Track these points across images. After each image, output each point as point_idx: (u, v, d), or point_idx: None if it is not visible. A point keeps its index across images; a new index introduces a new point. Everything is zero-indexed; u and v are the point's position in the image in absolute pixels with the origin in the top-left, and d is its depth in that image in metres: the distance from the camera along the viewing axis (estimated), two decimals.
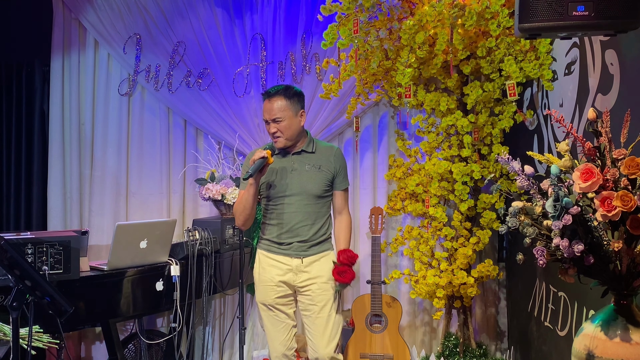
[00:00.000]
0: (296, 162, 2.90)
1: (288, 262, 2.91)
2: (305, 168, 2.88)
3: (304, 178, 2.87)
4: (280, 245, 2.92)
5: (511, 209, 1.89)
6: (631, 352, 1.70)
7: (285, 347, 2.96)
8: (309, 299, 2.91)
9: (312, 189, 2.87)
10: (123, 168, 4.24)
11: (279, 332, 2.96)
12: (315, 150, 2.93)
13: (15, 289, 2.01)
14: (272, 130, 2.83)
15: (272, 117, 2.81)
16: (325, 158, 2.91)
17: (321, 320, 2.90)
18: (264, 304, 2.97)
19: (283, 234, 2.91)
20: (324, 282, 2.90)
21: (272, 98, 2.82)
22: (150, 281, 3.22)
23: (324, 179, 2.89)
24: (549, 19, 1.92)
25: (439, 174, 3.64)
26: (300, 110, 2.87)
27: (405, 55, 3.42)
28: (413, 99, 3.64)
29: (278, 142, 2.85)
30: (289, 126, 2.82)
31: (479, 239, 3.65)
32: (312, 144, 2.94)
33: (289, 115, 2.82)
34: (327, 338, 2.90)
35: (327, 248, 2.97)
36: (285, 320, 2.97)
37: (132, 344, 3.74)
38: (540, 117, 3.28)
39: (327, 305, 2.90)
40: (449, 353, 3.80)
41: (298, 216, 2.87)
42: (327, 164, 2.90)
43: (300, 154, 2.91)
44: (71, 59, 4.21)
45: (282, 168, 2.90)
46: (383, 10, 3.42)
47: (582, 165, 1.72)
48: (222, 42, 4.14)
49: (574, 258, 1.75)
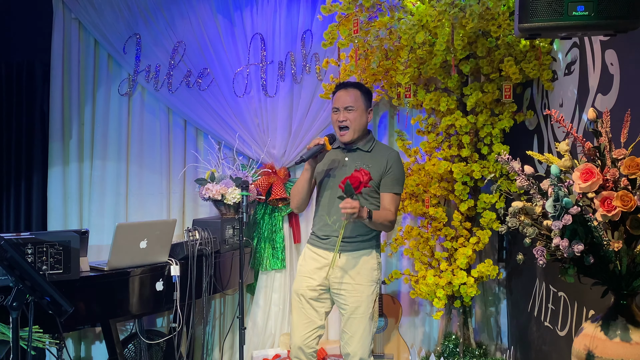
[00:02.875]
0: (349, 158, 2.90)
1: (326, 256, 2.88)
2: (355, 165, 2.85)
3: (349, 174, 2.86)
4: (321, 239, 2.90)
5: (511, 209, 1.89)
6: (631, 352, 1.70)
7: (304, 342, 2.90)
8: (342, 298, 2.86)
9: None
10: (123, 168, 4.23)
11: (302, 325, 2.91)
12: (372, 150, 2.92)
13: (15, 289, 2.00)
14: (341, 118, 2.85)
15: (345, 104, 2.85)
16: (378, 159, 2.88)
17: (354, 321, 2.84)
18: (297, 292, 2.94)
19: (324, 227, 2.90)
20: (359, 284, 2.83)
21: (349, 88, 2.90)
22: (150, 281, 3.22)
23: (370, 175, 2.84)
24: (549, 19, 1.92)
25: (438, 174, 3.65)
26: (370, 108, 2.93)
27: (405, 55, 3.42)
28: (413, 99, 3.64)
29: (345, 134, 2.86)
30: (358, 118, 2.86)
31: (479, 239, 3.65)
32: (371, 144, 2.93)
33: (361, 107, 2.87)
34: (357, 339, 2.84)
35: (366, 247, 2.88)
36: (313, 317, 2.90)
37: (132, 344, 3.73)
38: (540, 117, 3.28)
39: (361, 307, 2.83)
40: (449, 353, 3.80)
41: (339, 211, 2.81)
42: (378, 164, 2.86)
43: (356, 151, 2.91)
44: (71, 59, 4.21)
45: (335, 161, 2.91)
46: (383, 10, 3.42)
47: (582, 165, 1.72)
48: (222, 42, 4.14)
49: (574, 258, 1.75)
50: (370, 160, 2.87)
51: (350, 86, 2.92)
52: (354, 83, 2.98)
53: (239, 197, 3.69)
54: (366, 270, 2.85)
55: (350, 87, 2.91)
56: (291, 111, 4.12)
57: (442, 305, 3.66)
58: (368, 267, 2.86)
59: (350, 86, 2.92)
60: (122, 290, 3.12)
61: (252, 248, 4.06)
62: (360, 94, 2.89)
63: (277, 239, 4.06)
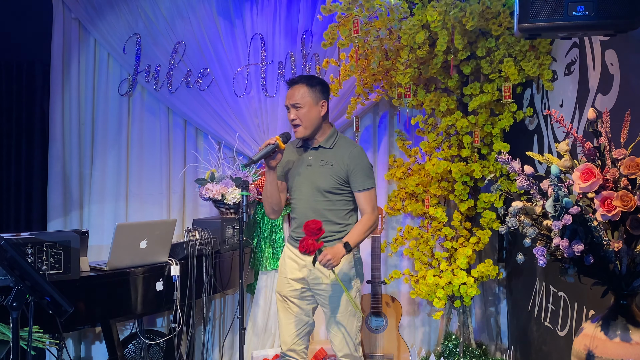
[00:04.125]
0: (313, 157, 2.88)
1: (303, 258, 2.88)
2: (319, 163, 2.85)
3: (315, 173, 2.85)
4: (297, 240, 2.89)
5: (511, 209, 1.89)
6: (631, 352, 1.70)
7: (294, 341, 2.91)
8: (322, 298, 2.87)
9: (320, 183, 2.82)
10: (123, 168, 4.23)
11: (289, 325, 2.92)
12: (334, 146, 2.88)
13: (15, 289, 2.00)
14: (291, 116, 2.83)
15: (292, 102, 2.82)
16: (340, 155, 2.85)
17: (335, 320, 2.86)
18: (280, 294, 2.95)
19: (297, 228, 2.90)
20: (336, 283, 2.82)
21: (295, 84, 2.85)
22: (150, 281, 3.22)
23: (333, 174, 2.82)
24: (549, 19, 1.93)
25: (438, 174, 3.64)
26: (322, 101, 2.85)
27: (405, 55, 3.42)
28: (413, 99, 3.64)
29: (297, 131, 2.84)
30: (307, 114, 2.81)
31: (479, 239, 3.65)
32: (333, 140, 2.88)
33: (308, 102, 2.81)
34: (340, 336, 2.86)
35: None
36: (299, 315, 2.91)
37: (132, 344, 3.74)
38: (540, 117, 3.28)
39: (340, 306, 2.84)
40: (449, 353, 3.80)
41: (309, 212, 2.83)
42: (340, 161, 2.83)
43: (318, 149, 2.88)
44: (71, 59, 4.21)
45: (299, 162, 2.89)
46: (383, 10, 3.42)
47: (582, 165, 1.72)
48: (222, 42, 4.14)
49: (574, 258, 1.75)
50: (333, 157, 2.84)
51: (295, 82, 2.85)
52: (300, 77, 2.89)
53: (239, 197, 3.69)
54: (343, 268, 2.84)
55: (296, 84, 2.85)
56: None
57: (442, 305, 3.66)
58: (344, 264, 2.85)
59: (295, 82, 2.85)
60: (122, 291, 3.12)
61: (252, 248, 4.06)
62: (307, 89, 2.82)
63: (277, 239, 4.06)
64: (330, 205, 2.84)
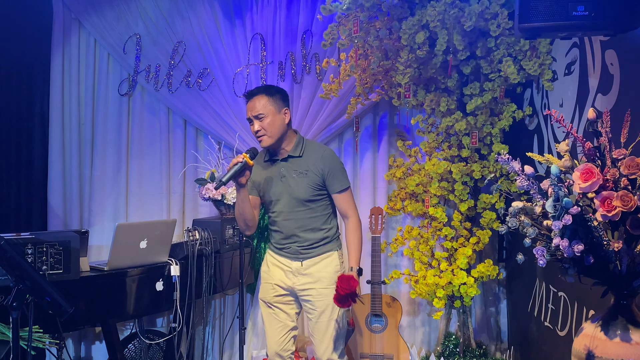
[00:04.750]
0: (285, 169, 2.85)
1: (288, 264, 2.90)
2: (292, 174, 2.83)
3: (291, 184, 2.83)
4: (282, 248, 2.92)
5: (511, 209, 1.89)
6: (631, 352, 1.70)
7: (280, 347, 2.95)
8: (309, 303, 2.88)
9: (299, 194, 2.81)
10: (123, 168, 4.23)
11: (275, 331, 2.95)
12: (303, 153, 2.85)
13: (15, 289, 2.00)
14: (255, 128, 2.79)
15: (254, 113, 2.78)
16: (312, 161, 2.83)
17: (321, 325, 2.87)
18: (264, 300, 2.98)
19: (282, 240, 2.91)
20: (324, 287, 2.83)
21: (254, 96, 2.82)
22: (150, 281, 3.22)
23: (310, 182, 2.81)
24: (549, 19, 1.93)
25: (438, 174, 3.65)
26: (284, 108, 2.84)
27: (405, 55, 3.42)
28: (413, 99, 3.64)
29: (263, 140, 2.80)
30: (272, 123, 2.78)
31: (479, 239, 3.65)
32: (301, 147, 2.86)
33: (271, 111, 2.79)
34: (326, 342, 2.87)
35: (328, 250, 2.88)
36: (285, 320, 2.95)
37: (132, 344, 3.74)
38: (540, 117, 3.28)
39: (327, 311, 2.85)
40: (449, 353, 3.80)
41: (292, 223, 2.85)
42: (314, 167, 2.82)
43: (287, 160, 2.85)
44: (71, 59, 4.21)
45: (272, 176, 2.87)
46: (383, 10, 3.42)
47: (582, 165, 1.72)
48: (222, 42, 4.14)
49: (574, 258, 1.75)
50: (305, 164, 2.83)
51: (255, 94, 2.82)
52: (259, 89, 2.86)
53: None
54: (328, 273, 2.85)
55: (255, 95, 2.81)
56: (291, 111, 4.10)
57: (442, 305, 3.66)
58: (330, 270, 2.86)
59: (255, 94, 2.82)
60: (122, 291, 3.12)
61: (252, 248, 4.06)
62: (267, 99, 2.79)
63: None
64: (311, 213, 2.85)
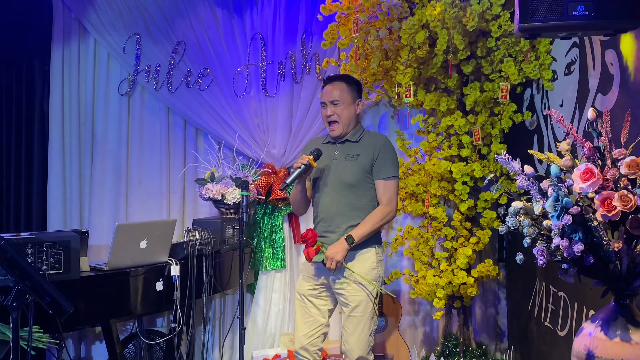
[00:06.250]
0: (339, 151, 2.88)
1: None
2: (344, 157, 2.85)
3: (340, 167, 2.83)
4: (320, 236, 2.87)
5: (511, 209, 1.89)
6: (631, 352, 1.69)
7: (308, 341, 2.88)
8: (343, 297, 2.84)
9: (347, 178, 2.81)
10: (123, 168, 4.23)
11: (305, 324, 2.90)
12: (360, 139, 2.88)
13: (15, 289, 2.00)
14: (328, 112, 2.84)
15: (330, 99, 2.84)
16: (366, 146, 2.84)
17: (353, 319, 2.82)
18: (298, 292, 2.94)
19: (320, 224, 2.88)
20: (358, 283, 2.80)
21: (334, 82, 2.88)
22: (150, 281, 3.22)
23: (359, 167, 2.81)
24: (549, 19, 1.92)
25: (439, 174, 3.64)
26: (358, 99, 2.90)
27: (405, 55, 3.42)
28: (413, 99, 3.64)
29: (334, 129, 2.85)
30: (345, 111, 2.83)
31: (479, 239, 3.65)
32: (360, 134, 2.90)
33: (347, 100, 2.84)
34: (356, 336, 2.82)
35: (364, 246, 2.81)
36: (315, 315, 2.89)
37: (132, 344, 3.74)
38: (540, 117, 3.28)
39: (360, 306, 2.80)
40: (449, 353, 3.80)
41: (334, 207, 2.81)
42: (366, 152, 2.83)
43: (344, 143, 2.89)
44: (71, 59, 4.21)
45: (325, 157, 2.88)
46: (383, 10, 3.42)
47: (582, 165, 1.72)
48: (222, 42, 4.14)
49: (574, 258, 1.75)
50: (359, 149, 2.85)
51: (335, 79, 2.90)
52: (340, 76, 2.95)
53: (239, 197, 3.69)
54: (365, 269, 2.82)
55: (335, 81, 2.89)
56: (291, 111, 4.11)
57: (442, 305, 3.66)
58: (367, 265, 2.83)
59: (335, 79, 2.90)
60: (122, 291, 3.12)
61: (252, 248, 4.06)
62: (346, 87, 2.86)
63: (277, 239, 4.06)
64: (356, 199, 2.81)
